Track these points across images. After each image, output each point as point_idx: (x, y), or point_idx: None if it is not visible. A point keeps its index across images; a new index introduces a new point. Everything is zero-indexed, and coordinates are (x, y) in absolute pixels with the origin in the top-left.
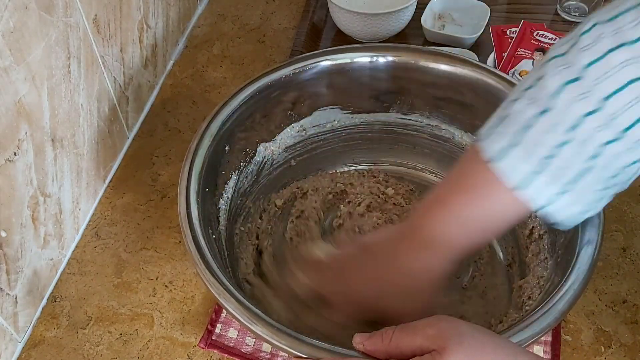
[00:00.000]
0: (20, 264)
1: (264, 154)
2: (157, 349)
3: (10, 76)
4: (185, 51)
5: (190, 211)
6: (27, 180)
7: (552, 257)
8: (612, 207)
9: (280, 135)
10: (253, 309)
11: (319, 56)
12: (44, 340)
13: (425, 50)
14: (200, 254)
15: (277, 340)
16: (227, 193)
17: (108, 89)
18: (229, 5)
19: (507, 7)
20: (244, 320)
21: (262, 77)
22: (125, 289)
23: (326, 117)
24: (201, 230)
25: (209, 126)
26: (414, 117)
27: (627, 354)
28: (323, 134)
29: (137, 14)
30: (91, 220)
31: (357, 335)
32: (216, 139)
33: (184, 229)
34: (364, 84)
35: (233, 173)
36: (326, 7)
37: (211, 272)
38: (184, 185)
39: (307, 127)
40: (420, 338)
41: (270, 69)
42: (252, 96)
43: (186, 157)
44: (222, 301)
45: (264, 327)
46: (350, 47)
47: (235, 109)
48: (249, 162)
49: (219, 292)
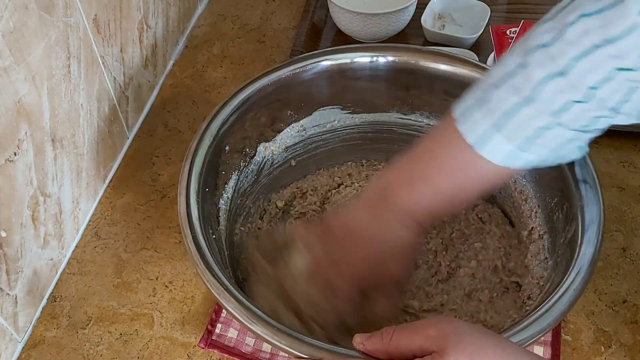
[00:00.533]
0: (20, 264)
1: (264, 154)
2: (157, 349)
3: (10, 76)
4: (185, 51)
5: (190, 211)
6: (27, 180)
7: (552, 257)
8: (612, 207)
9: (281, 135)
10: (253, 309)
11: (318, 56)
12: (44, 340)
13: (425, 50)
14: (200, 254)
15: (277, 340)
16: (227, 193)
17: (108, 89)
18: (229, 5)
19: (507, 7)
20: (244, 320)
21: (262, 77)
22: (125, 289)
23: (326, 117)
24: (201, 230)
25: (209, 126)
26: (414, 117)
27: (627, 354)
28: (323, 134)
29: (137, 14)
30: (91, 220)
31: (357, 336)
32: (216, 138)
33: (184, 229)
34: (363, 84)
35: (233, 173)
36: (326, 7)
37: (211, 272)
38: (184, 185)
39: (307, 127)
40: (420, 338)
41: (270, 69)
42: (252, 96)
43: (186, 157)
44: (222, 301)
45: (264, 327)
46: (350, 47)
47: (235, 109)
48: (249, 162)
49: (219, 292)
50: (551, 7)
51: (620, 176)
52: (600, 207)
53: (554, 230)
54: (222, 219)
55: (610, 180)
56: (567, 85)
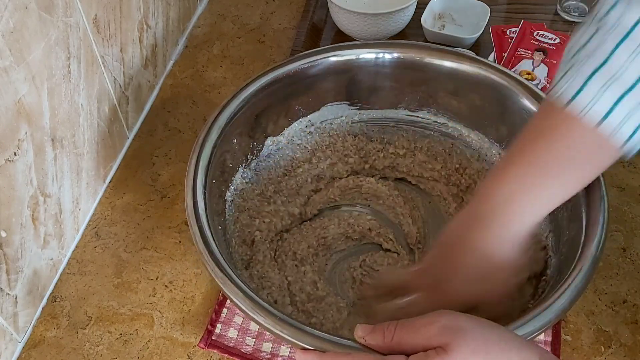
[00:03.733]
0: (20, 264)
1: (271, 148)
2: (157, 349)
3: (10, 76)
4: (185, 51)
5: (197, 202)
6: (27, 180)
7: (556, 256)
8: (612, 207)
9: (288, 130)
10: (256, 299)
11: (327, 51)
12: (44, 340)
13: (432, 48)
14: (205, 244)
15: (280, 330)
16: (234, 185)
17: (108, 89)
18: (229, 5)
19: (507, 7)
20: (247, 310)
21: (269, 72)
22: (125, 289)
23: (334, 112)
24: (207, 221)
25: (217, 118)
26: (422, 114)
27: (627, 354)
28: (330, 129)
29: (137, 14)
30: (91, 220)
31: (358, 327)
32: (224, 131)
33: (190, 219)
34: (371, 81)
35: (240, 166)
36: (326, 7)
37: (216, 263)
38: (190, 177)
39: (315, 122)
40: (423, 336)
41: (278, 64)
42: (260, 90)
43: (193, 149)
44: (227, 291)
45: (267, 316)
46: (358, 44)
47: (243, 103)
48: (256, 156)
49: (223, 281)
50: (551, 7)
51: (620, 176)
52: (604, 206)
53: (558, 229)
54: (228, 211)
55: (610, 180)
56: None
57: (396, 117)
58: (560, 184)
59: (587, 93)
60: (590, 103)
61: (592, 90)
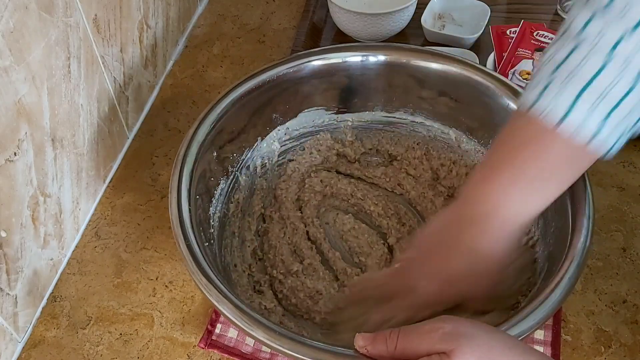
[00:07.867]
0: (20, 264)
1: (250, 158)
2: (157, 349)
3: (10, 76)
4: (185, 51)
5: (183, 218)
6: (27, 180)
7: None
8: (612, 207)
9: (266, 140)
10: (251, 314)
11: (300, 58)
12: (44, 340)
13: (413, 49)
14: (195, 262)
15: (279, 345)
16: (216, 198)
17: (108, 89)
18: (229, 5)
19: (507, 7)
20: (243, 326)
21: (244, 83)
22: (125, 289)
23: (312, 118)
24: (195, 238)
25: (195, 132)
26: (398, 115)
27: (627, 354)
28: (308, 135)
29: (137, 14)
30: (91, 220)
31: (359, 337)
32: (203, 145)
33: (177, 237)
34: (348, 84)
35: (222, 179)
36: (326, 7)
37: (208, 279)
38: (174, 194)
39: (292, 129)
40: (427, 343)
41: (252, 74)
42: (236, 101)
43: (175, 165)
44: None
45: (264, 331)
46: (332, 48)
47: (219, 116)
48: (236, 167)
49: (217, 299)
50: (551, 7)
51: (620, 176)
52: (588, 196)
53: (544, 219)
54: (214, 224)
55: (610, 180)
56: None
57: (373, 119)
58: (549, 188)
59: (577, 114)
60: (582, 124)
61: (581, 110)
